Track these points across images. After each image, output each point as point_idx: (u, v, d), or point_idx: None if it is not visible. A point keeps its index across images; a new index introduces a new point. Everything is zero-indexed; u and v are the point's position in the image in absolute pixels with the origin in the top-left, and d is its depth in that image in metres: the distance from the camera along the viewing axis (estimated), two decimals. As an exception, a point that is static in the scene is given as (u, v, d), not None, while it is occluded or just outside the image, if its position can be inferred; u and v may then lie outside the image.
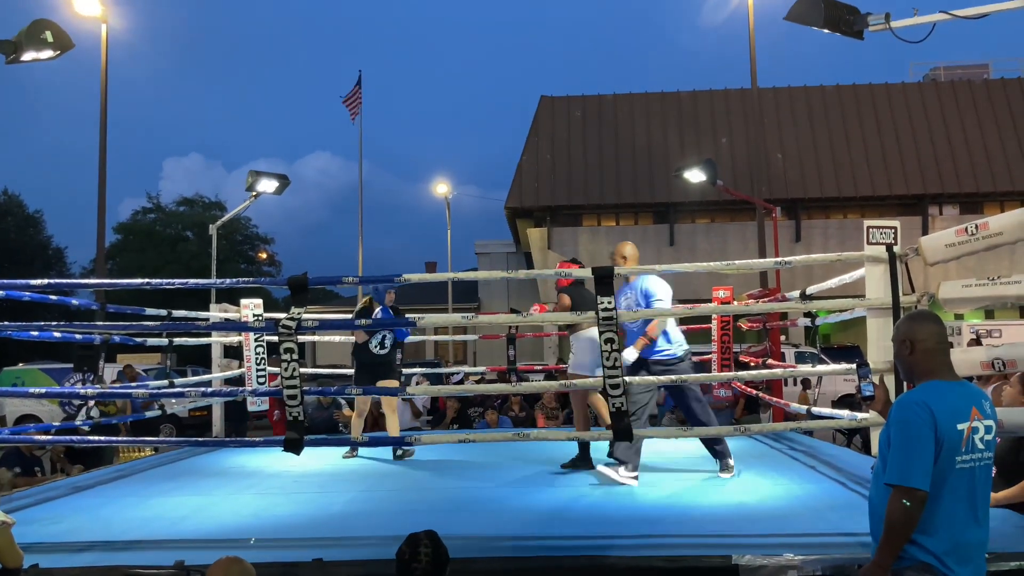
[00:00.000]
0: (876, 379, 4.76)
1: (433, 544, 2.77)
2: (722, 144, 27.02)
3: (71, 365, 14.62)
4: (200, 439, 6.93)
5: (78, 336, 6.12)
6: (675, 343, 5.66)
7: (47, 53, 5.39)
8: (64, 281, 5.39)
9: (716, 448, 5.65)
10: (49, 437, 5.91)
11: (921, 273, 5.18)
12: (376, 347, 6.92)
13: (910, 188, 26.27)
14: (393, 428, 6.96)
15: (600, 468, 5.56)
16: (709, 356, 8.62)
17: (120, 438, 6.49)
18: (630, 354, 5.47)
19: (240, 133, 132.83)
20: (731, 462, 5.58)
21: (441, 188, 34.78)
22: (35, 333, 5.52)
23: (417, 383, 10.48)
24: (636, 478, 5.32)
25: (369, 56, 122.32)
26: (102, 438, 5.78)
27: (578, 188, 27.35)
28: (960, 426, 2.62)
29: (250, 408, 8.09)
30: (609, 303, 4.55)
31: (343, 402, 10.63)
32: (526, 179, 27.50)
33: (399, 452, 6.89)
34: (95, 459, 7.66)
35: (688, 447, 7.17)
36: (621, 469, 5.33)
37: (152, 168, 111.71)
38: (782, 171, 26.48)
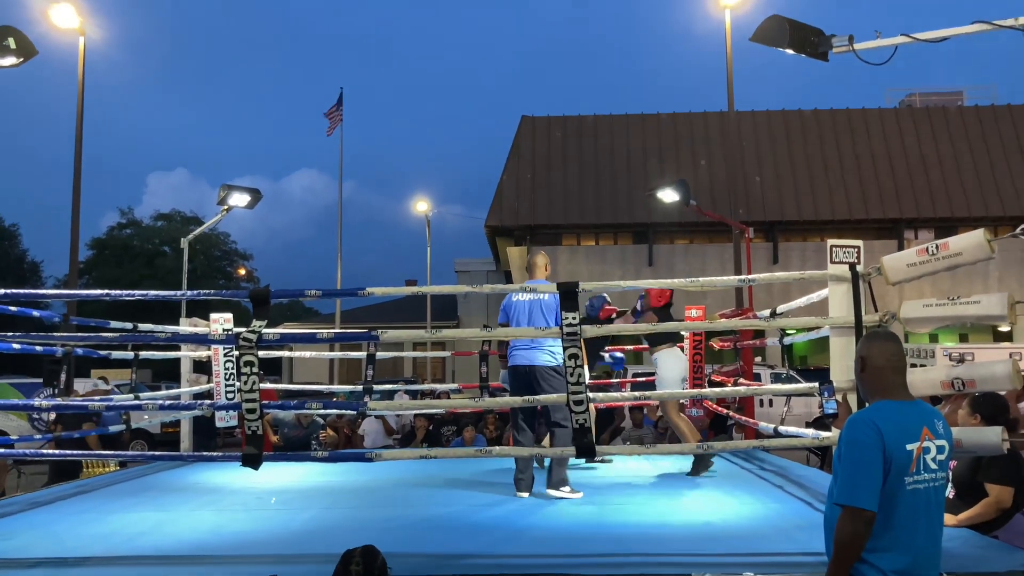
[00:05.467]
0: (840, 397, 4.79)
1: (365, 561, 2.65)
2: (701, 166, 27.23)
3: (41, 380, 14.44)
4: (158, 453, 6.84)
5: (38, 348, 6.03)
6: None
7: (10, 60, 5.34)
8: (23, 292, 5.29)
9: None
10: (6, 451, 5.79)
11: (884, 292, 5.21)
12: None
13: (886, 212, 26.58)
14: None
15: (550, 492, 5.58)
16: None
17: (78, 452, 6.38)
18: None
19: (227, 149, 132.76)
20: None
21: (421, 206, 34.82)
22: (-7, 344, 5.42)
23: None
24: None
25: (355, 75, 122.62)
26: (58, 452, 5.67)
27: (558, 208, 27.45)
28: (909, 446, 2.59)
29: (218, 424, 7.98)
30: (574, 319, 4.55)
31: (322, 422, 10.50)
32: (506, 198, 27.57)
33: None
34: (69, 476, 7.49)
35: (655, 466, 7.14)
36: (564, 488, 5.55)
37: (136, 183, 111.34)
38: (760, 194, 26.71)
